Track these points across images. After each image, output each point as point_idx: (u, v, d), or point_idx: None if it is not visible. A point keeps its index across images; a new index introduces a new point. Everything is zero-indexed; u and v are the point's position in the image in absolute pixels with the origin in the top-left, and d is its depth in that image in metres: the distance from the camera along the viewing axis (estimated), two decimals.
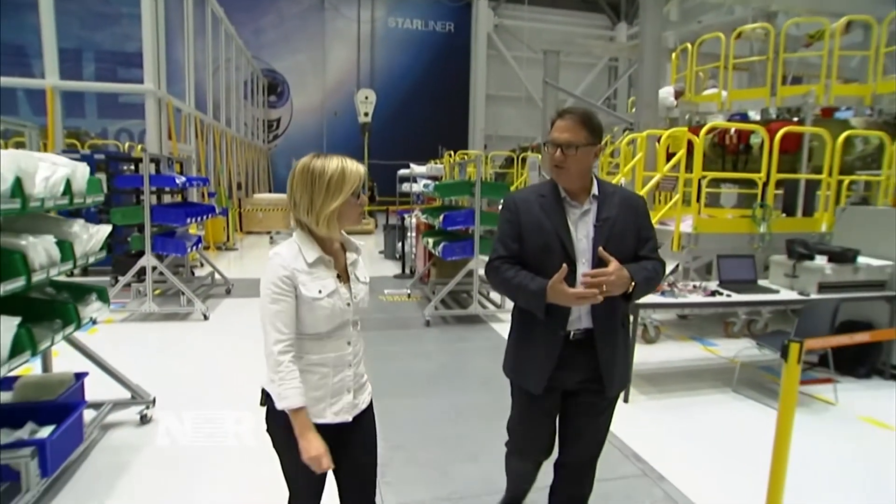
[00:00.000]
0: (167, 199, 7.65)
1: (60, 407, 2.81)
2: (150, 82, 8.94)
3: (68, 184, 2.63)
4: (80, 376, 3.21)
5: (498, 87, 23.52)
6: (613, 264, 1.76)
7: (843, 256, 4.45)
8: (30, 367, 3.33)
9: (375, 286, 6.97)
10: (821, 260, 4.55)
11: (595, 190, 1.93)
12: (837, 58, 7.67)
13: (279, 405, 1.57)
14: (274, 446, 1.69)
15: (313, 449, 1.55)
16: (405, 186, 12.95)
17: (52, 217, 2.75)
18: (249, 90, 19.29)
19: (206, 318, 5.93)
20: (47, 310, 2.58)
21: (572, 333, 1.92)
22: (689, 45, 8.76)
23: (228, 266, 9.25)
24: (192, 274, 7.47)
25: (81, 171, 2.79)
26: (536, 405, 2.06)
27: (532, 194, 1.99)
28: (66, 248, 2.60)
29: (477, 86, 23.36)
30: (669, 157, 6.17)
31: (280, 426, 1.62)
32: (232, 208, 12.70)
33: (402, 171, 13.12)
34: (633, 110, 8.81)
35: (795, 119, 7.79)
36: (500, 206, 10.05)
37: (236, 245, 12.10)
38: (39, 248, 2.36)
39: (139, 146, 11.70)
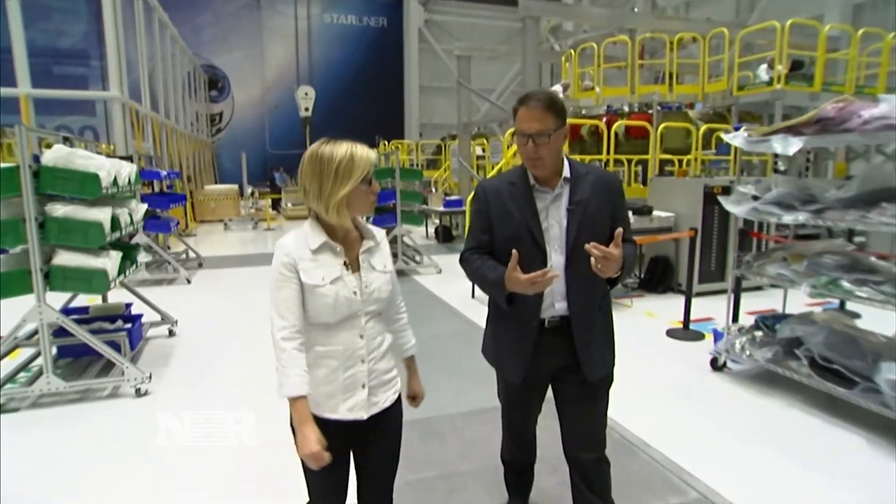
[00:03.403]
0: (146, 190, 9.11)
1: (129, 317, 4.54)
2: (115, 89, 10.23)
3: (128, 178, 4.33)
4: (128, 305, 4.90)
5: (431, 78, 25.01)
6: (618, 250, 1.69)
7: (641, 210, 6.60)
8: (92, 299, 4.99)
9: None
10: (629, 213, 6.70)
11: (567, 172, 1.88)
12: (677, 65, 9.94)
13: (279, 393, 1.53)
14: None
15: (309, 444, 1.48)
16: None
17: (123, 198, 4.41)
18: (191, 85, 20.14)
19: (189, 282, 7.58)
20: (125, 252, 4.26)
21: (547, 321, 1.89)
22: (572, 52, 10.86)
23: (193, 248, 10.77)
24: (169, 249, 9.00)
25: (133, 170, 4.48)
26: (519, 394, 2.07)
27: (502, 182, 1.94)
28: (130, 216, 4.30)
29: (410, 78, 24.91)
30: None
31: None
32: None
33: None
34: None
35: (649, 111, 10.03)
36: (431, 187, 12.25)
37: (194, 232, 13.48)
38: (125, 215, 4.07)
39: (103, 144, 12.79)
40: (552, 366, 1.95)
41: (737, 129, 4.07)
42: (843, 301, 5.73)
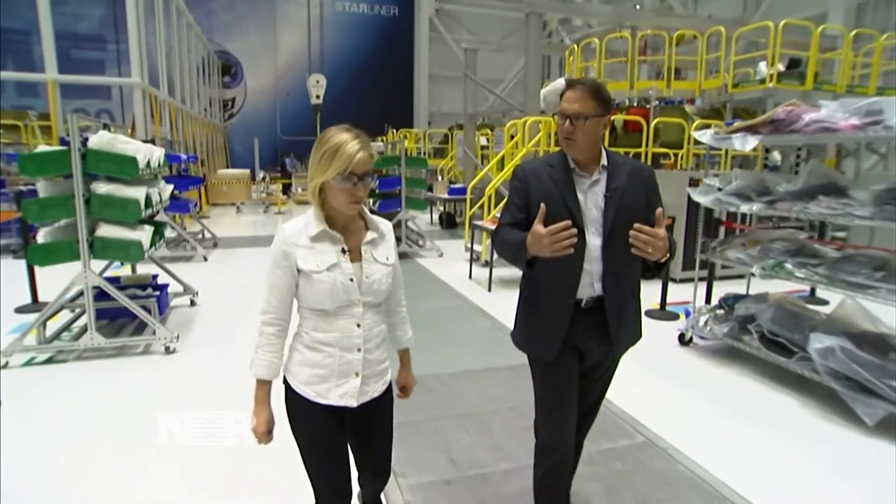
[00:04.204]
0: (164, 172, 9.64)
1: (157, 286, 5.07)
2: (136, 76, 10.74)
3: (158, 161, 4.82)
4: (154, 276, 5.42)
5: (440, 67, 25.17)
6: (663, 230, 1.73)
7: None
8: (118, 272, 5.52)
9: None
10: None
11: (604, 161, 1.94)
12: (676, 61, 10.28)
13: (250, 370, 1.65)
14: (292, 427, 1.70)
15: (256, 423, 1.65)
16: None
17: (153, 179, 4.91)
18: (205, 71, 20.58)
19: (205, 259, 8.11)
20: (155, 227, 4.76)
21: (583, 301, 1.94)
22: (575, 46, 11.21)
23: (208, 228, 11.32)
24: (185, 229, 9.54)
25: (161, 153, 4.97)
26: (555, 372, 2.03)
27: (542, 164, 2.01)
28: (159, 195, 4.81)
29: (420, 67, 25.19)
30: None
31: (290, 404, 1.68)
32: None
33: None
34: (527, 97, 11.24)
35: (647, 106, 10.39)
36: (437, 176, 12.79)
37: (208, 214, 14.03)
38: (156, 194, 4.57)
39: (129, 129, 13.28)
40: (583, 343, 1.98)
41: (728, 124, 4.47)
42: (813, 289, 6.18)
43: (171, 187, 5.25)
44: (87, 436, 3.13)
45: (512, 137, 9.10)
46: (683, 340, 4.73)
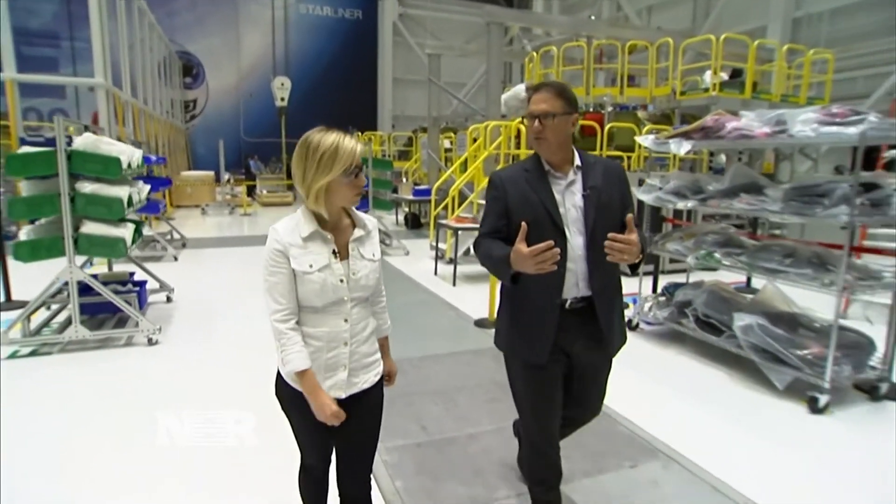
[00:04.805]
0: None
1: (135, 282, 5.26)
2: (100, 76, 10.70)
3: (137, 162, 5.03)
4: (131, 274, 5.60)
5: (404, 71, 25.30)
6: (634, 234, 1.77)
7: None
8: (96, 268, 5.66)
9: None
10: None
11: (578, 161, 1.97)
12: (629, 69, 10.92)
13: (285, 370, 1.68)
14: (282, 409, 1.79)
15: (326, 407, 1.64)
16: None
17: (132, 179, 5.10)
18: (165, 72, 20.29)
19: (176, 259, 8.24)
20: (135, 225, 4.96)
21: (569, 302, 1.95)
22: (534, 53, 11.74)
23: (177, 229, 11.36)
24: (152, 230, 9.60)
25: (139, 155, 5.18)
26: (542, 374, 2.03)
27: (517, 170, 2.03)
28: (139, 195, 5.01)
29: (384, 70, 25.41)
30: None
31: (284, 390, 1.75)
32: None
33: None
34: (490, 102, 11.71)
35: (602, 111, 10.99)
36: (402, 177, 13.09)
37: (173, 216, 13.97)
38: (135, 194, 4.78)
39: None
40: (570, 344, 2.00)
41: (676, 128, 4.96)
42: (749, 278, 6.79)
43: (148, 187, 5.44)
44: (84, 427, 3.28)
45: (474, 140, 9.54)
46: (631, 326, 5.21)
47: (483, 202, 7.72)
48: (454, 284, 7.05)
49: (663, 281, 5.47)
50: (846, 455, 3.11)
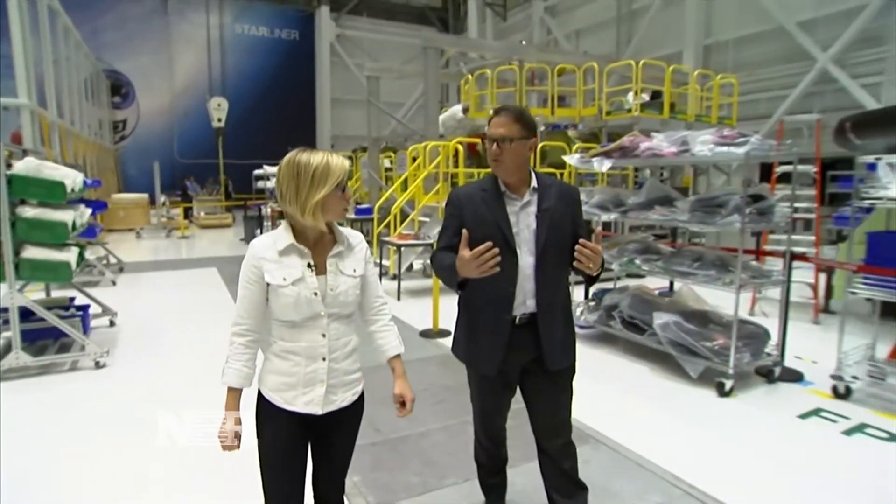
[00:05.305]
0: None
1: (77, 306, 5.21)
2: (24, 97, 10.32)
3: (78, 186, 5.02)
4: (72, 299, 5.52)
5: (343, 91, 25.34)
6: (599, 246, 1.86)
7: None
8: (29, 293, 5.54)
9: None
10: None
11: (534, 183, 2.05)
12: (558, 91, 11.63)
13: (221, 380, 1.69)
14: (257, 425, 1.76)
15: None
16: (261, 184, 15.16)
17: (73, 205, 5.07)
18: (91, 90, 19.54)
19: (114, 283, 8.07)
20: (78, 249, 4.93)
21: (518, 318, 2.05)
22: (469, 76, 12.27)
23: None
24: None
25: (80, 178, 5.17)
26: (493, 387, 2.19)
27: (475, 189, 2.11)
28: (80, 218, 5.00)
29: (322, 91, 25.43)
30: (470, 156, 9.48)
31: (259, 409, 1.74)
32: None
33: (256, 172, 15.27)
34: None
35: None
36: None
37: (106, 240, 13.48)
38: (77, 218, 4.78)
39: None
40: (522, 359, 2.10)
41: (604, 146, 5.42)
42: (672, 282, 7.41)
43: (89, 211, 5.41)
44: (52, 449, 3.33)
45: (414, 160, 9.88)
46: None
47: (425, 219, 8.06)
48: (398, 299, 7.30)
49: (594, 288, 5.94)
50: (748, 430, 3.58)
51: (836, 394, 3.94)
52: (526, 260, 2.02)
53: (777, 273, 4.20)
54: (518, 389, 2.26)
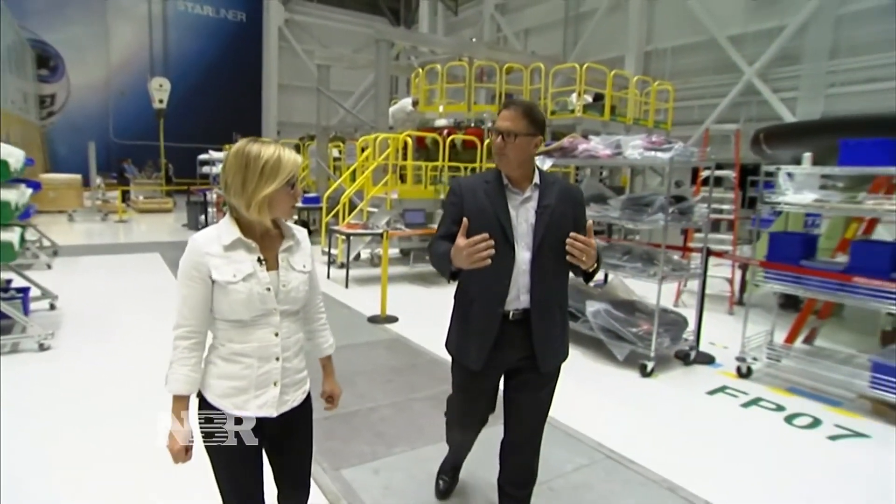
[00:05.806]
0: None
1: (16, 289, 5.10)
2: None
3: (21, 165, 4.92)
4: (9, 281, 5.38)
5: (291, 77, 24.86)
6: (593, 241, 1.83)
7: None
8: None
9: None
10: None
11: (537, 179, 2.03)
12: (506, 88, 12.01)
13: (165, 388, 1.57)
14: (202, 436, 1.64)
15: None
16: (205, 169, 14.83)
17: (13, 184, 4.96)
18: (12, 59, 18.25)
19: (49, 267, 7.81)
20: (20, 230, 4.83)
21: (511, 313, 2.02)
22: (420, 70, 12.46)
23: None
24: None
25: (22, 156, 5.05)
26: (477, 381, 2.16)
27: (478, 180, 2.10)
28: (22, 198, 4.90)
29: (269, 76, 24.82)
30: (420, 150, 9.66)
31: (202, 419, 1.63)
32: None
33: (201, 156, 14.92)
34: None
35: (483, 126, 11.92)
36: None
37: (35, 222, 12.84)
38: (18, 197, 4.69)
39: None
40: (511, 356, 2.07)
41: (548, 144, 5.74)
42: (606, 275, 7.92)
43: (30, 191, 5.29)
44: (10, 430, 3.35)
45: (363, 151, 10.00)
46: None
47: (373, 210, 8.24)
48: (346, 286, 7.46)
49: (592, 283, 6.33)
50: (664, 405, 4.04)
51: (740, 373, 4.47)
52: (522, 255, 2.01)
53: (696, 267, 4.69)
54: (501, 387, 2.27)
